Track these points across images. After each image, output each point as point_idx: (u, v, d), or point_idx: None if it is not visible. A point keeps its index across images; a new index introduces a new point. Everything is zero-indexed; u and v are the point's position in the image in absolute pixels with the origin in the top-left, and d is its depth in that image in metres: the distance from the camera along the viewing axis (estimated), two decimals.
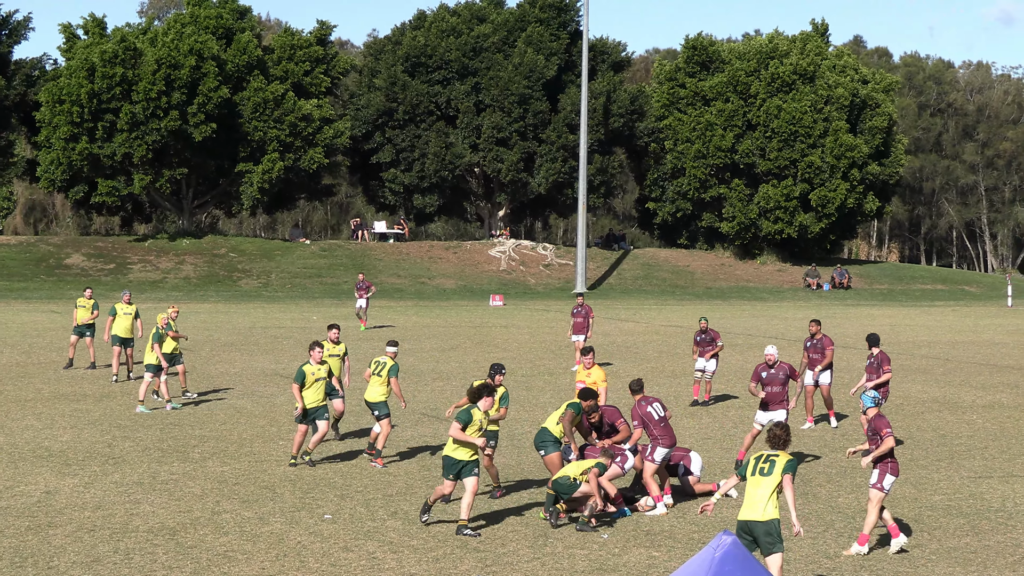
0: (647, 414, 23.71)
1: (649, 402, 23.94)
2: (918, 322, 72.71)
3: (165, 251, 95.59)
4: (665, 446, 23.38)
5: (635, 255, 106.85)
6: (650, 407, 23.86)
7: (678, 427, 31.66)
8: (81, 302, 43.72)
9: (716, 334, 37.61)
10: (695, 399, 37.15)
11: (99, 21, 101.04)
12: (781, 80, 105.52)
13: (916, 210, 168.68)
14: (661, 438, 23.43)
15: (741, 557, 13.24)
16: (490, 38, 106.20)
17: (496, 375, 25.03)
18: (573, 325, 46.15)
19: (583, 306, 46.29)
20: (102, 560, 19.20)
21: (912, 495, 24.42)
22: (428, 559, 19.49)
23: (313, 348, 27.03)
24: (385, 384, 27.15)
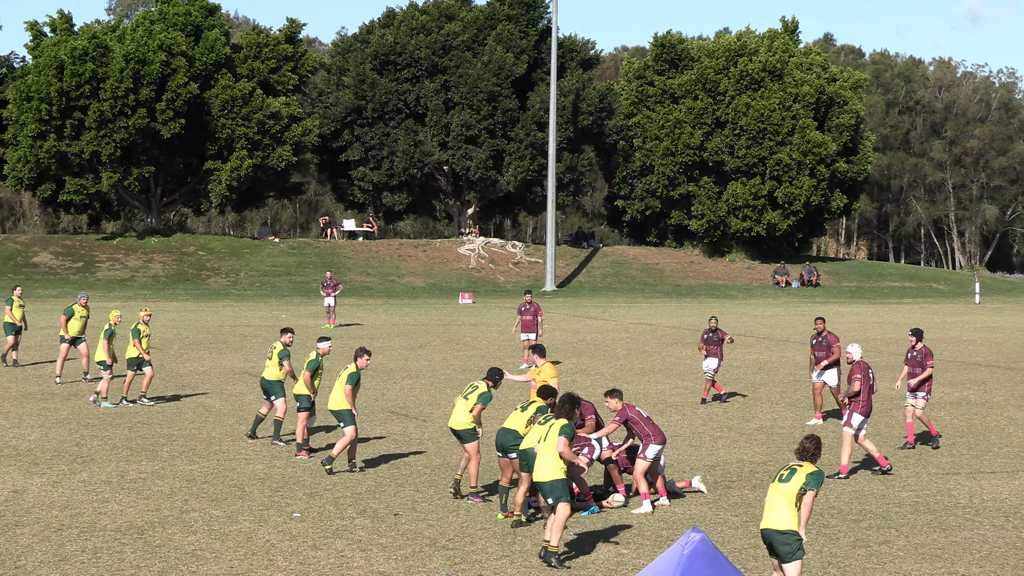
0: (636, 413, 23.67)
1: (632, 407, 23.89)
2: (886, 319, 72.93)
3: (133, 249, 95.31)
4: (658, 443, 23.34)
5: (604, 253, 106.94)
6: (637, 408, 23.90)
7: None
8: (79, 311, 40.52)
9: (724, 334, 37.00)
10: (704, 398, 36.63)
11: (67, 18, 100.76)
12: (750, 78, 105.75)
13: (884, 208, 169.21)
14: (653, 436, 23.37)
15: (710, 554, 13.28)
16: (459, 36, 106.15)
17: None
18: (521, 323, 45.60)
19: (532, 303, 45.86)
20: (70, 559, 19.14)
21: (880, 491, 24.50)
22: (397, 557, 19.48)
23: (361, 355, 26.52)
24: (277, 367, 29.24)
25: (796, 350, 52.14)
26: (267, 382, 29.57)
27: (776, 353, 50.91)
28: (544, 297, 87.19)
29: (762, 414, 34.12)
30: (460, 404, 23.69)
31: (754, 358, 48.63)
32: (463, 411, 23.53)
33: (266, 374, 29.60)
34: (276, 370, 29.50)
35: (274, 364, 29.55)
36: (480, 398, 23.56)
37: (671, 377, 41.99)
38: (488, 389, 23.79)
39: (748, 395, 37.60)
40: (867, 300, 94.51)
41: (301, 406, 27.91)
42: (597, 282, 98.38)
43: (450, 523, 21.67)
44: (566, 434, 19.58)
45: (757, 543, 20.51)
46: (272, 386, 29.39)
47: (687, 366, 45.40)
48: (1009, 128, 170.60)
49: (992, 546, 20.63)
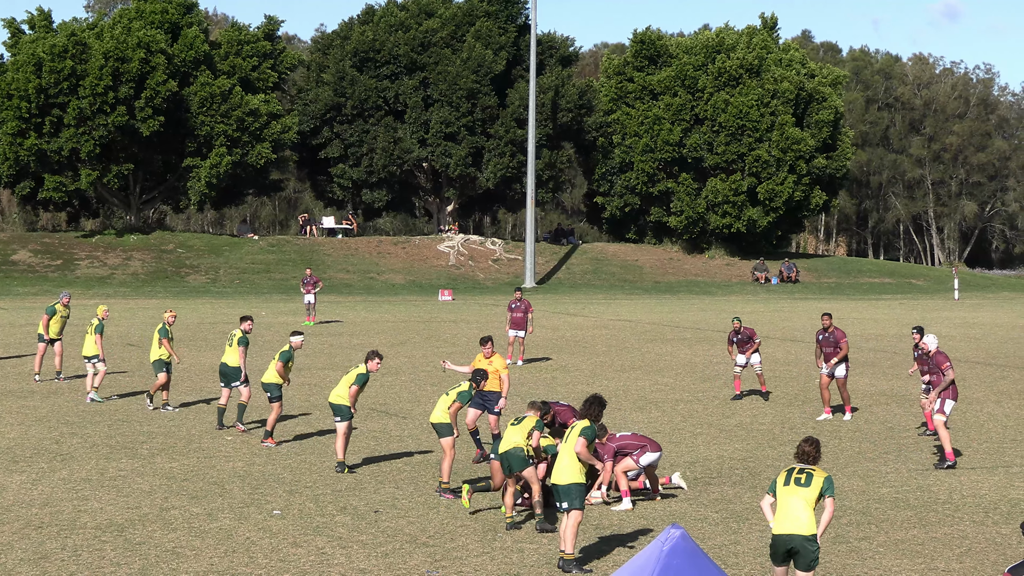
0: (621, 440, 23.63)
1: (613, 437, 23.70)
2: (866, 315, 73.08)
3: (112, 247, 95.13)
4: (654, 451, 23.39)
5: (584, 250, 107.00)
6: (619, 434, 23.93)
7: (628, 421, 31.74)
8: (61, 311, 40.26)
9: (752, 331, 36.94)
10: (736, 393, 36.58)
11: (45, 15, 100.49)
12: (728, 74, 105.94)
13: (863, 204, 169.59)
14: (649, 445, 23.44)
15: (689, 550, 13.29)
16: (438, 33, 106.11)
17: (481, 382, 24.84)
18: (511, 320, 45.67)
19: (521, 300, 45.96)
20: (50, 557, 19.10)
21: (860, 488, 24.54)
22: (377, 554, 19.47)
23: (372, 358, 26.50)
24: (237, 354, 30.92)
25: (775, 346, 52.23)
26: (228, 368, 30.84)
27: None
28: (524, 294, 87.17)
29: (742, 410, 34.17)
30: (441, 400, 24.01)
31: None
32: (442, 407, 23.88)
33: (227, 359, 30.88)
34: (235, 356, 30.80)
35: (234, 351, 30.89)
36: (459, 396, 23.79)
37: (651, 374, 42.03)
38: (469, 389, 24.04)
39: (729, 391, 37.62)
40: (846, 296, 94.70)
41: (272, 396, 28.36)
42: (576, 279, 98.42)
43: (430, 520, 21.67)
44: (586, 435, 19.15)
45: (737, 539, 20.56)
46: (234, 372, 30.72)
47: (667, 363, 45.46)
48: (987, 124, 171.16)
49: (972, 542, 20.69)
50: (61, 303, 40.42)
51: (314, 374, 40.69)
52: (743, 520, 21.81)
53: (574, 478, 18.97)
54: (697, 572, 13.08)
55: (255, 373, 34.70)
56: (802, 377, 41.70)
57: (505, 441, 21.63)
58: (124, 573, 18.33)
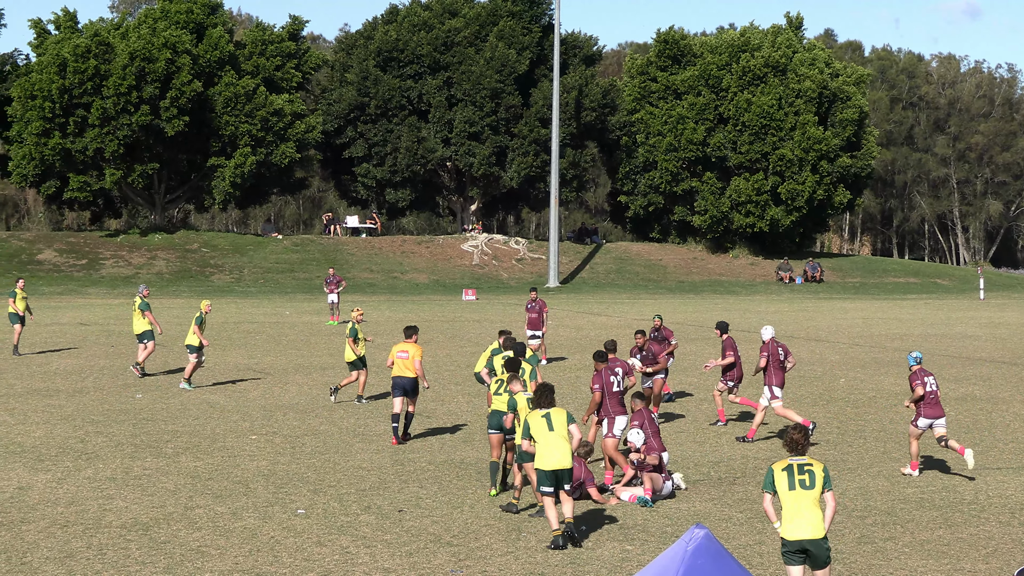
0: (608, 382, 24.71)
1: (612, 370, 25.02)
2: (890, 315, 72.90)
3: (137, 246, 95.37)
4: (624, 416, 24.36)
5: (607, 249, 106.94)
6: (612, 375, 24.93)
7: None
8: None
9: (670, 332, 36.93)
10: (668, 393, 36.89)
11: (71, 16, 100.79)
12: (752, 74, 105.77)
13: (888, 203, 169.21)
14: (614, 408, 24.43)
15: (714, 550, 13.26)
16: (462, 32, 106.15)
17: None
18: (528, 320, 45.69)
19: (537, 301, 45.92)
20: (75, 555, 19.14)
21: (885, 488, 24.47)
22: (402, 554, 19.47)
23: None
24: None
25: (800, 346, 52.11)
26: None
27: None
28: (547, 294, 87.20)
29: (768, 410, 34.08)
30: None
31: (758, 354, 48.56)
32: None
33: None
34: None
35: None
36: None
37: (675, 373, 41.92)
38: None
39: (753, 391, 37.53)
40: (871, 296, 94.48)
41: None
42: (600, 278, 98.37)
43: (454, 519, 21.66)
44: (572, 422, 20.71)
45: (762, 539, 20.52)
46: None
47: (691, 362, 45.39)
48: (1012, 124, 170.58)
49: (998, 542, 20.61)
50: (141, 295, 40.83)
51: (338, 373, 40.70)
52: (767, 520, 21.76)
53: None
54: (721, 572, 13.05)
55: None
56: (826, 377, 41.60)
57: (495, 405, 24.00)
58: (149, 572, 18.36)
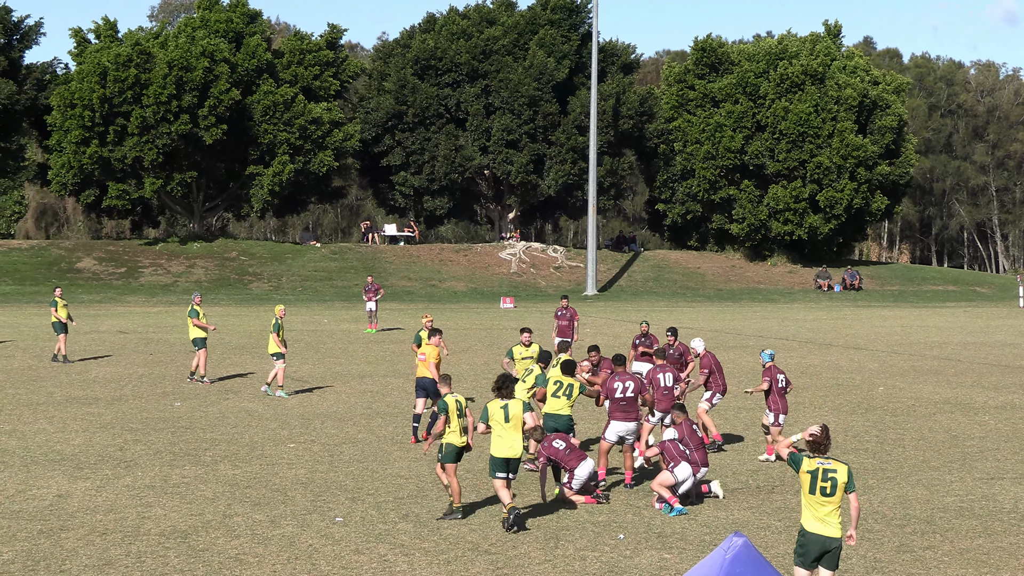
0: (612, 388, 25.23)
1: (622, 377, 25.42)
2: (929, 323, 72.63)
3: (176, 254, 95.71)
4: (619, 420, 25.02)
5: (645, 257, 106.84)
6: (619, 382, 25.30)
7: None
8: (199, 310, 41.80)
9: (655, 339, 37.07)
10: None
11: (111, 24, 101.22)
12: (790, 81, 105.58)
13: (927, 211, 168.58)
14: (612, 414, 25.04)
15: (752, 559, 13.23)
16: (500, 40, 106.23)
17: None
18: (557, 328, 45.60)
19: (568, 308, 45.84)
20: (114, 563, 19.20)
21: (924, 496, 24.38)
22: (439, 562, 19.48)
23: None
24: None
25: (839, 354, 52.00)
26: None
27: (819, 357, 50.75)
28: (586, 301, 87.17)
29: (805, 419, 33.98)
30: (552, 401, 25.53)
31: (796, 362, 48.48)
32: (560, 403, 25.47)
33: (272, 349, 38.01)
34: None
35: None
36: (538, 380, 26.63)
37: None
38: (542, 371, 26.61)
39: (791, 399, 37.44)
40: (910, 304, 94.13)
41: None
42: (638, 286, 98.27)
43: (492, 528, 21.66)
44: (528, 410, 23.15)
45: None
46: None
47: (728, 370, 45.22)
48: None
49: None
50: (194, 303, 41.28)
51: (376, 381, 40.77)
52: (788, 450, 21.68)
53: None
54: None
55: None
56: (865, 385, 41.45)
57: (549, 406, 25.05)
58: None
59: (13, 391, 38.17)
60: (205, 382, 40.18)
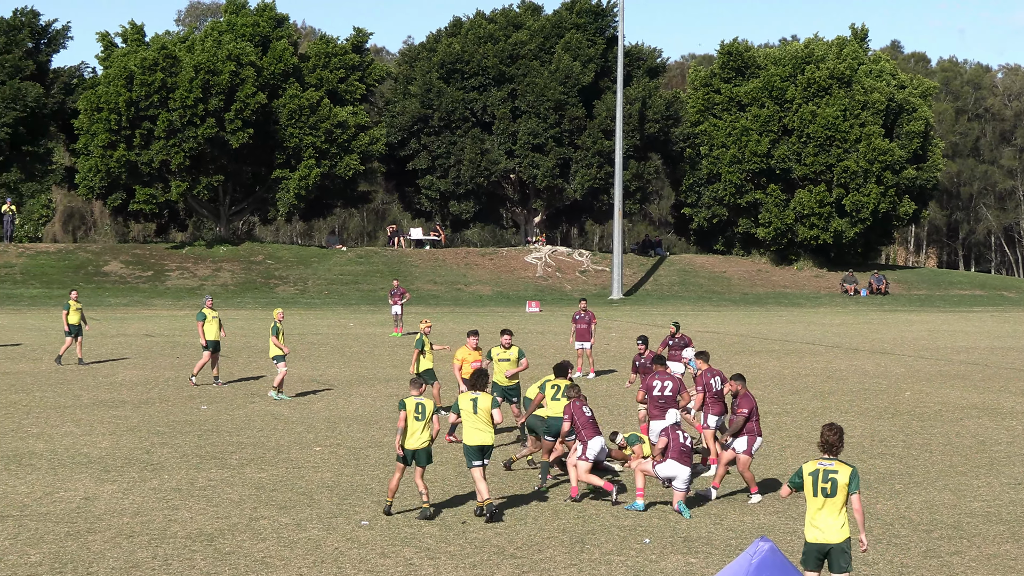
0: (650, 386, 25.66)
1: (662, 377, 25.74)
2: (956, 328, 72.42)
3: (202, 258, 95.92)
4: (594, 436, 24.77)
5: (671, 261, 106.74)
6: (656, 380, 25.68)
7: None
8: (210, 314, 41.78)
9: (689, 340, 37.73)
10: None
11: (138, 29, 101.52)
12: (817, 85, 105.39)
13: (954, 215, 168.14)
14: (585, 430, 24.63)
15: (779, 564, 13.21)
16: (526, 44, 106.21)
17: None
18: (576, 332, 45.75)
19: (586, 312, 46.05)
20: (141, 566, 19.25)
21: (951, 501, 24.31)
22: (465, 565, 19.48)
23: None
24: None
25: (865, 358, 51.89)
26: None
27: (845, 361, 50.64)
28: (611, 305, 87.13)
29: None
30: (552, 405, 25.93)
31: (823, 366, 48.40)
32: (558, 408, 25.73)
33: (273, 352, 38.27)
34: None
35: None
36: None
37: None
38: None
39: (817, 403, 37.38)
40: (937, 308, 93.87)
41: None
42: (664, 290, 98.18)
43: (518, 531, 21.66)
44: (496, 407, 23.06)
45: None
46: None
47: (755, 375, 45.19)
48: None
49: None
50: (207, 306, 41.52)
51: (401, 385, 40.79)
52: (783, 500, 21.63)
53: None
54: None
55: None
56: (891, 390, 41.35)
57: (550, 409, 25.53)
58: None
59: (40, 394, 38.31)
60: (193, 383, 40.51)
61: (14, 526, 21.63)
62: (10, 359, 48.37)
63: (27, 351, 51.69)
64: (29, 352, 51.22)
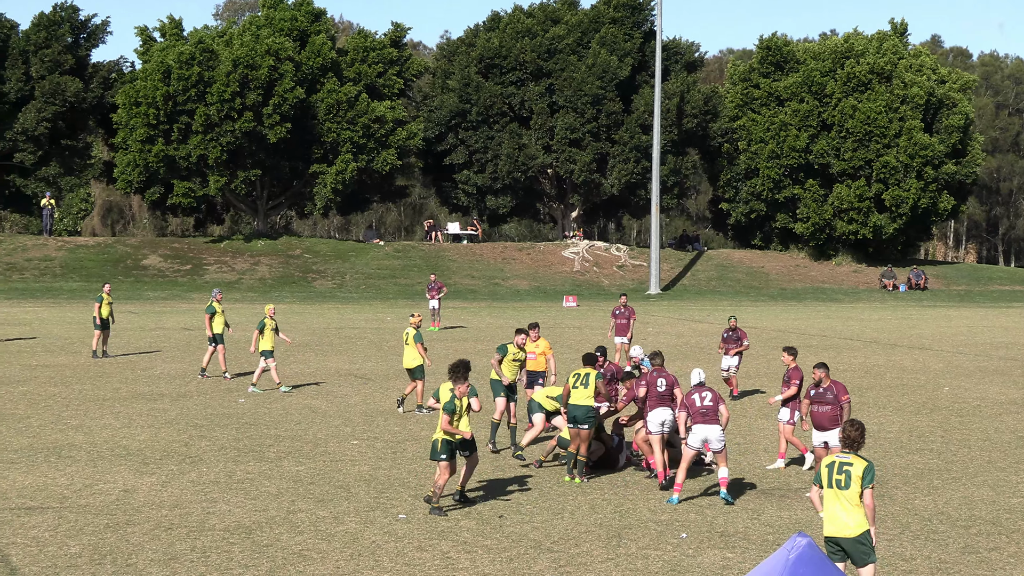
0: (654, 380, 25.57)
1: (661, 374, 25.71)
2: (996, 323, 72.11)
3: (240, 252, 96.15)
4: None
5: (709, 256, 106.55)
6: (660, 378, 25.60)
7: (753, 428, 31.50)
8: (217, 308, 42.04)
9: (744, 333, 38.25)
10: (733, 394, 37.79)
11: (176, 23, 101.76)
12: (857, 80, 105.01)
13: (994, 210, 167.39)
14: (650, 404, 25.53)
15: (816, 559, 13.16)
16: (564, 39, 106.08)
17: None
18: (615, 326, 45.80)
19: (626, 307, 46.09)
20: (179, 558, 19.32)
21: (990, 497, 24.21)
22: (502, 559, 19.49)
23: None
24: None
25: (904, 354, 51.71)
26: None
27: (883, 357, 50.48)
28: (649, 300, 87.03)
29: (869, 418, 33.79)
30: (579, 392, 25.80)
31: (861, 362, 48.25)
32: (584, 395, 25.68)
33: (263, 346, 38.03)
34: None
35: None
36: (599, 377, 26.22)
37: (775, 381, 41.66)
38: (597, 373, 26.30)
39: (855, 399, 37.25)
40: (976, 304, 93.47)
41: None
42: (702, 285, 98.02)
43: (555, 526, 21.67)
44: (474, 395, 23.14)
45: None
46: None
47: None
48: None
49: None
50: (216, 300, 41.72)
51: (438, 379, 40.80)
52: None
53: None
54: None
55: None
56: (930, 385, 41.20)
57: (573, 397, 25.49)
58: (251, 575, 18.51)
59: (80, 387, 38.47)
60: (205, 376, 40.61)
61: (54, 518, 21.73)
62: (49, 352, 48.61)
63: (66, 344, 51.92)
64: (68, 345, 51.44)
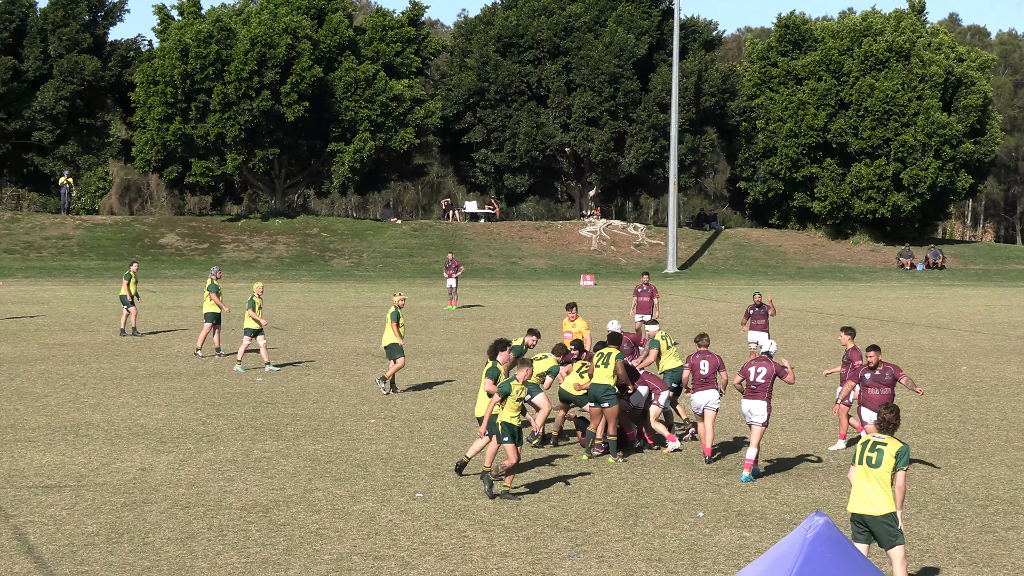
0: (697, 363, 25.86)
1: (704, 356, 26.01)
2: (1014, 303, 71.95)
3: (258, 231, 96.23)
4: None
5: (726, 235, 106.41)
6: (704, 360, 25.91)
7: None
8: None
9: (771, 308, 38.66)
10: None
11: (194, 1, 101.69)
12: (875, 58, 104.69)
13: (1012, 189, 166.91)
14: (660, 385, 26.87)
15: (834, 538, 13.14)
16: (581, 17, 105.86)
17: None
18: (637, 304, 45.62)
19: (649, 285, 45.96)
20: (196, 536, 19.37)
21: (1007, 477, 24.18)
22: (519, 538, 19.51)
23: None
24: None
25: (921, 333, 51.63)
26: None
27: (901, 336, 50.41)
28: (666, 279, 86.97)
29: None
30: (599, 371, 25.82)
31: (878, 341, 48.05)
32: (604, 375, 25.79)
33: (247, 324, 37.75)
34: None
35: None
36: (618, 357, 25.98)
37: (794, 360, 41.62)
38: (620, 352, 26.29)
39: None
40: (994, 283, 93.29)
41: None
42: (719, 264, 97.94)
43: (572, 505, 21.68)
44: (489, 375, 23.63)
45: None
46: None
47: (810, 349, 45.07)
48: None
49: None
50: (213, 278, 41.70)
51: (455, 358, 40.85)
52: None
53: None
54: (842, 560, 12.93)
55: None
56: (947, 365, 41.14)
57: (596, 377, 25.59)
58: (269, 553, 18.55)
59: (97, 365, 38.56)
60: (199, 356, 40.58)
61: (72, 496, 21.80)
62: (67, 331, 48.73)
63: (84, 323, 52.05)
64: (86, 324, 51.57)
